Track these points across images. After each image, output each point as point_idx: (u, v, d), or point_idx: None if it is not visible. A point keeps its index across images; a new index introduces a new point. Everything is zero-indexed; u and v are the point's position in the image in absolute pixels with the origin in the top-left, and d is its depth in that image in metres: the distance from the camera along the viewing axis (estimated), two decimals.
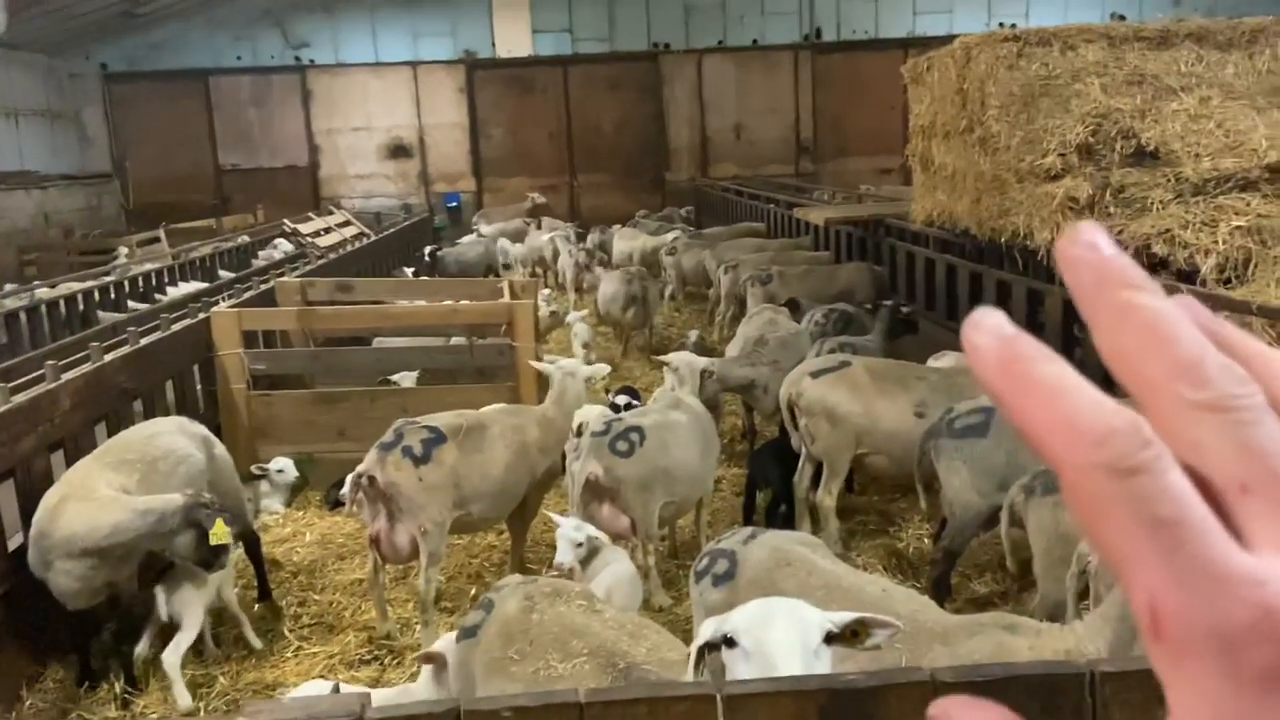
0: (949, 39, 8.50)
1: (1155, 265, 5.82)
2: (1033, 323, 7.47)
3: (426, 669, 3.64)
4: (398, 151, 25.44)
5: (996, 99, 6.97)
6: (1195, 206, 5.77)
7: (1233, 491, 0.38)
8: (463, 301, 8.57)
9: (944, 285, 9.05)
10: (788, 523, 6.68)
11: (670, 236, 15.06)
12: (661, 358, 8.42)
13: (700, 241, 15.13)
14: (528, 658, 3.10)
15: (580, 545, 4.68)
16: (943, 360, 6.60)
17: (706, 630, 2.61)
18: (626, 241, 17.07)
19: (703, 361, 7.41)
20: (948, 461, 5.31)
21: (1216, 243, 5.54)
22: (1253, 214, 5.60)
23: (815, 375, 6.46)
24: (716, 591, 3.74)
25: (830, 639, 2.49)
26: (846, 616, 2.55)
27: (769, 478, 6.80)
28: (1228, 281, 5.50)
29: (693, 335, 11.28)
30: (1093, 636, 2.92)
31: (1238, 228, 5.56)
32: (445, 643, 3.74)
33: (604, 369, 7.12)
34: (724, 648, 2.42)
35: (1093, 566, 3.95)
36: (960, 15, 24.14)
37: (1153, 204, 5.89)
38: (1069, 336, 6.79)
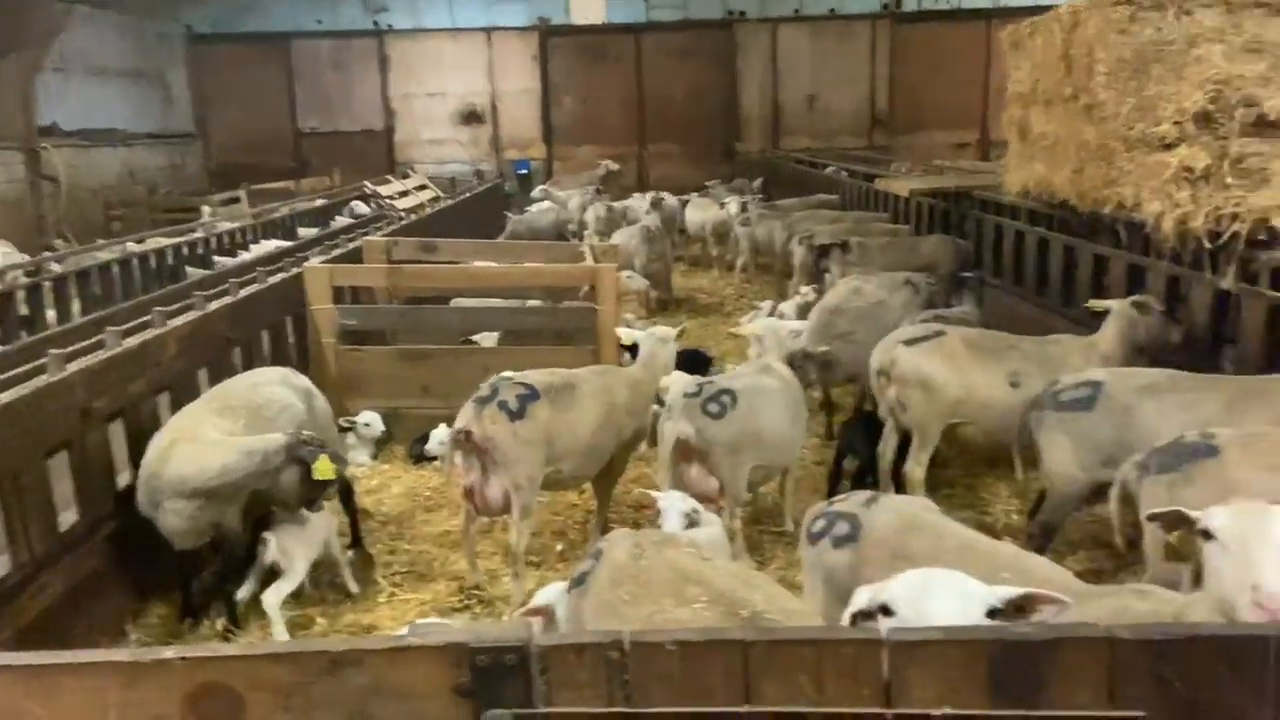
0: (1037, 10, 8.26)
1: (1273, 239, 5.61)
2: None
3: (535, 621, 3.67)
4: (470, 117, 25.60)
5: (1105, 65, 6.75)
6: None
7: None
8: (547, 264, 8.60)
9: (1035, 259, 8.83)
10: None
11: (735, 207, 14.90)
12: (741, 329, 8.37)
13: (774, 212, 14.98)
14: (639, 600, 3.11)
15: (688, 515, 4.65)
16: None
17: (860, 598, 2.57)
18: (700, 211, 17.01)
19: (790, 325, 7.34)
20: (1049, 434, 5.20)
21: None
22: None
23: (910, 344, 6.36)
24: (837, 553, 3.69)
25: (993, 614, 2.45)
26: (1012, 591, 2.48)
27: (858, 448, 6.74)
28: None
29: (766, 305, 11.20)
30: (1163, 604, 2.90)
31: None
32: (548, 595, 3.78)
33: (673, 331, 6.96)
34: (880, 616, 2.40)
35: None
36: None
37: (1273, 176, 5.66)
38: (1172, 315, 6.58)
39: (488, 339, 8.95)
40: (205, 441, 5.02)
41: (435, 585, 5.78)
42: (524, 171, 25.12)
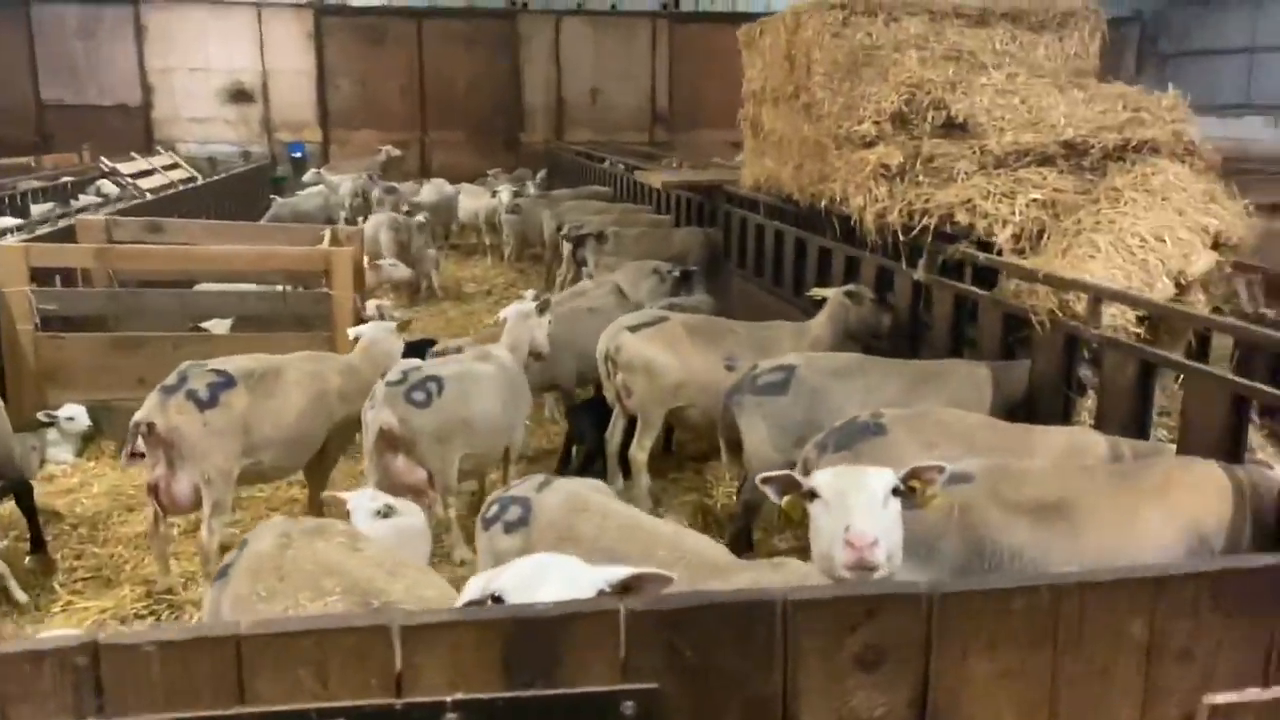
0: None
1: (957, 234, 6.01)
2: None
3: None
4: (239, 96, 24.11)
5: (822, 66, 7.06)
6: (997, 178, 5.97)
7: None
8: (275, 247, 8.14)
9: (773, 251, 9.18)
10: (601, 478, 6.67)
11: (506, 196, 14.79)
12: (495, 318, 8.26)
13: (544, 202, 14.96)
14: (277, 596, 2.93)
15: (379, 513, 4.39)
16: None
17: (473, 588, 2.49)
18: (473, 199, 16.78)
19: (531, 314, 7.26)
20: (748, 417, 5.36)
21: (1014, 214, 5.76)
22: (1048, 187, 5.84)
23: (634, 330, 6.44)
24: (509, 538, 3.67)
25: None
26: (619, 573, 2.47)
27: (585, 433, 6.76)
28: (1021, 251, 5.73)
29: (530, 294, 11.14)
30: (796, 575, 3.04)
31: (1034, 200, 5.80)
32: None
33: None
34: (490, 605, 2.32)
35: None
36: None
37: (958, 174, 6.07)
38: (882, 303, 6.96)
39: (219, 326, 8.39)
40: None
41: (121, 591, 5.33)
42: (298, 154, 23.92)
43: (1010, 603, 1.79)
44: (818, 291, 6.97)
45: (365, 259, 12.78)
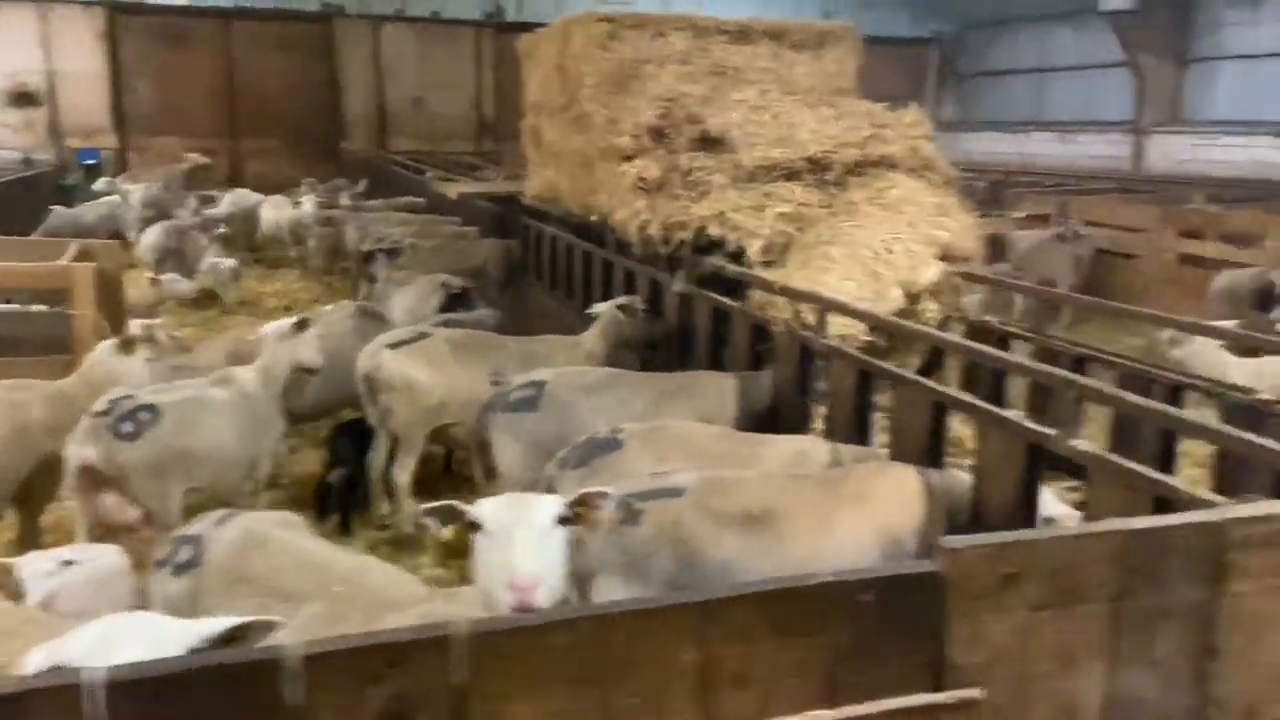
0: None
1: (712, 246, 6.08)
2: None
3: None
4: (22, 99, 22.39)
5: (590, 78, 7.04)
6: (748, 192, 6.07)
7: None
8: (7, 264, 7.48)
9: (565, 264, 9.10)
10: (364, 502, 6.43)
11: (310, 206, 14.27)
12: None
13: (353, 214, 14.47)
14: None
15: (52, 574, 3.92)
16: None
17: (35, 659, 2.22)
18: (275, 210, 16.11)
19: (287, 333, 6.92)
20: (500, 435, 5.25)
21: (762, 227, 5.86)
22: (794, 201, 5.98)
23: (393, 347, 6.23)
24: (177, 581, 3.43)
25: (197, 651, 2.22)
26: (217, 625, 2.25)
27: (345, 457, 6.47)
28: (771, 263, 5.83)
29: (329, 309, 10.71)
30: (471, 605, 2.91)
31: (781, 214, 5.92)
32: None
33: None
34: None
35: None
36: (640, 5, 24.74)
37: (713, 188, 6.14)
38: (656, 311, 6.97)
39: None
40: None
41: None
42: (92, 162, 22.38)
43: (549, 639, 1.71)
44: (595, 309, 6.93)
45: (149, 274, 12.07)
